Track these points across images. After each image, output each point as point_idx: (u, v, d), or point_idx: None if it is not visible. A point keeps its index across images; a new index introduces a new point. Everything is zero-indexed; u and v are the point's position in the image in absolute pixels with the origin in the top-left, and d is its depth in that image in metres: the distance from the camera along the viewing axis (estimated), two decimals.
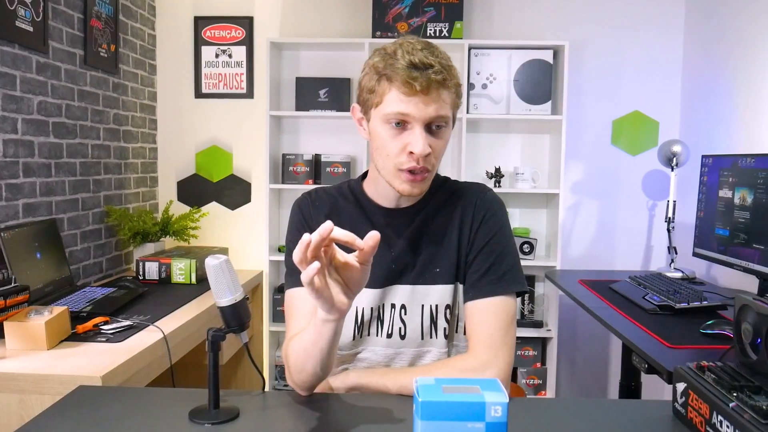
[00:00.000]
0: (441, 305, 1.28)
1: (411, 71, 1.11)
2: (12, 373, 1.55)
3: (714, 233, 2.37)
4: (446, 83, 1.14)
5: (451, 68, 1.16)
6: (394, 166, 1.17)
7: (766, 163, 2.09)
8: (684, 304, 2.06)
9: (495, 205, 1.29)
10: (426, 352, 1.29)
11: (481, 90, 3.12)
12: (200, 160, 3.39)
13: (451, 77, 1.15)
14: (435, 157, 1.17)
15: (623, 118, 3.27)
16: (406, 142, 1.15)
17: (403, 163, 1.16)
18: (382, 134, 1.17)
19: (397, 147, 1.16)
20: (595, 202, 3.32)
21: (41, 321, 1.69)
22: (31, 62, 2.27)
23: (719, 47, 2.83)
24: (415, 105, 1.12)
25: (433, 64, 1.12)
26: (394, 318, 1.28)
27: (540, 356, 3.20)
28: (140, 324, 1.95)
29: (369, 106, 1.19)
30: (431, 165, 1.17)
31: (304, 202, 1.33)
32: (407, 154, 1.15)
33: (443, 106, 1.15)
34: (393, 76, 1.13)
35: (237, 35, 3.31)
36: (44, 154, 2.36)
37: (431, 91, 1.12)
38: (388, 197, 1.28)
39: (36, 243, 2.21)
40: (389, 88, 1.14)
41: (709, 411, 1.01)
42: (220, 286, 1.06)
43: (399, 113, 1.13)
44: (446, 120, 1.17)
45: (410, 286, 1.28)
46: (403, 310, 1.28)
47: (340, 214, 1.30)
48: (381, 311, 1.28)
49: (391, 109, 1.14)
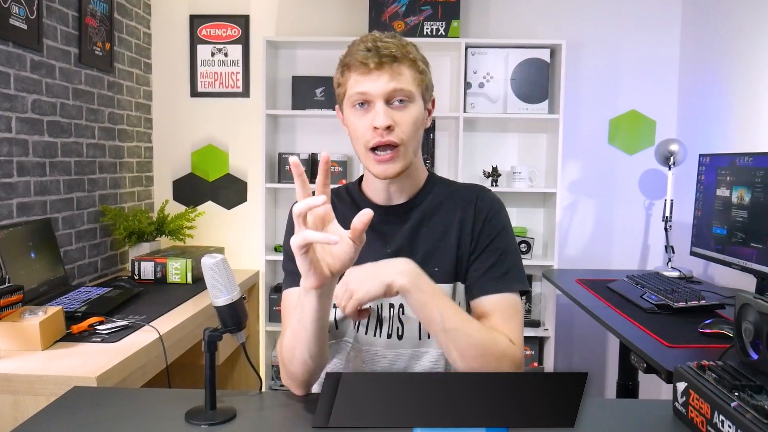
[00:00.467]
0: None
1: (365, 52, 1.17)
2: (6, 374, 1.53)
3: (711, 232, 2.37)
4: (399, 58, 1.17)
5: (406, 46, 1.20)
6: (364, 147, 1.20)
7: (764, 161, 2.08)
8: (682, 303, 2.05)
9: (497, 205, 1.30)
10: (423, 353, 1.28)
11: (478, 89, 3.12)
12: (196, 160, 3.37)
13: (405, 53, 1.19)
14: (403, 132, 1.18)
15: (620, 117, 3.27)
16: (371, 119, 1.18)
17: (370, 140, 1.18)
18: (352, 119, 1.21)
19: (363, 126, 1.19)
20: (592, 201, 3.32)
21: (35, 321, 1.67)
22: (26, 60, 2.26)
23: (716, 46, 2.83)
24: (371, 82, 1.17)
25: (387, 44, 1.17)
26: (392, 318, 1.27)
27: (537, 356, 3.20)
28: (136, 324, 1.93)
29: (340, 99, 1.25)
30: (399, 139, 1.18)
31: None
32: (372, 131, 1.18)
33: (401, 80, 1.18)
34: (351, 63, 1.19)
35: (233, 34, 3.29)
36: (38, 153, 2.35)
37: (385, 66, 1.16)
38: (381, 193, 1.29)
39: (30, 242, 2.19)
40: (349, 75, 1.20)
41: (710, 411, 1.00)
42: (217, 285, 1.05)
43: (358, 93, 1.18)
44: (408, 94, 1.19)
45: None
46: (401, 309, 1.27)
47: (336, 214, 1.29)
48: (380, 310, 1.27)
49: (352, 91, 1.19)
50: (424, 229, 1.28)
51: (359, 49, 1.18)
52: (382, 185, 1.27)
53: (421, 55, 1.24)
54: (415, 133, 1.21)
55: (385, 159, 1.19)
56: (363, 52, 1.17)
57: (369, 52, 1.16)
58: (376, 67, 1.16)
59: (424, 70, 1.24)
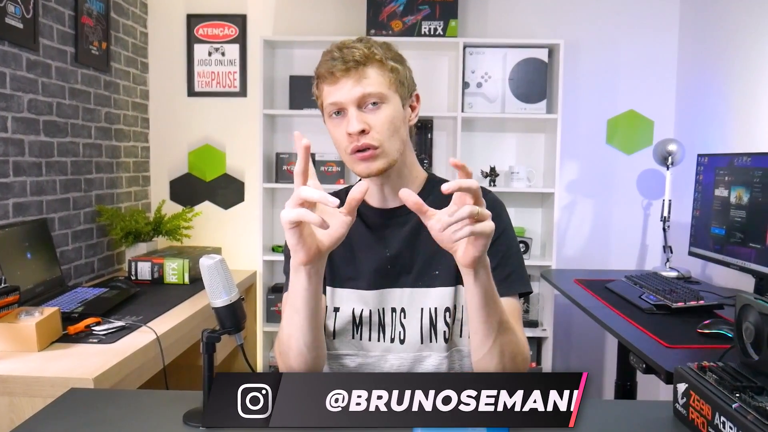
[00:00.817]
0: (440, 308, 1.26)
1: (331, 62, 1.16)
2: (2, 375, 1.53)
3: (710, 232, 2.37)
4: (363, 61, 1.16)
5: (371, 47, 1.19)
6: (346, 153, 1.20)
7: (763, 161, 2.08)
8: (681, 303, 2.05)
9: (498, 207, 1.28)
10: (426, 357, 1.27)
11: (476, 89, 3.11)
12: (193, 159, 3.36)
13: (370, 55, 1.17)
14: (378, 133, 1.17)
15: (618, 117, 3.27)
16: (345, 126, 1.17)
17: (347, 146, 1.18)
18: (331, 129, 1.21)
19: (341, 134, 1.19)
20: (590, 201, 3.31)
21: (32, 322, 1.67)
22: (21, 60, 2.24)
23: (714, 46, 2.83)
24: (339, 90, 1.16)
25: (351, 50, 1.17)
26: (393, 322, 1.27)
27: (535, 356, 3.19)
28: (133, 325, 1.92)
29: (321, 111, 1.24)
30: (375, 140, 1.17)
31: None
32: (348, 137, 1.17)
33: (367, 83, 1.16)
34: (321, 74, 1.19)
35: (230, 33, 3.28)
36: (35, 152, 2.33)
37: (351, 72, 1.16)
38: (376, 196, 1.28)
39: (26, 243, 2.18)
40: (322, 86, 1.20)
41: (711, 412, 1.00)
42: (215, 286, 1.04)
43: (331, 104, 1.18)
44: (378, 96, 1.17)
45: (408, 289, 1.26)
46: (402, 313, 1.26)
47: (337, 215, 1.29)
48: (381, 316, 1.26)
49: (326, 102, 1.19)
50: (425, 232, 1.27)
51: (327, 59, 1.18)
52: (375, 187, 1.26)
53: (392, 54, 1.22)
54: (394, 132, 1.20)
55: (366, 157, 1.18)
56: (329, 61, 1.17)
57: (335, 61, 1.16)
58: (342, 74, 1.16)
59: (395, 68, 1.22)
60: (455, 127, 3.08)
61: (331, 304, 1.27)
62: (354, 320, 1.26)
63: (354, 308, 1.26)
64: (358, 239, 1.26)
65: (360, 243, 1.27)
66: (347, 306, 1.27)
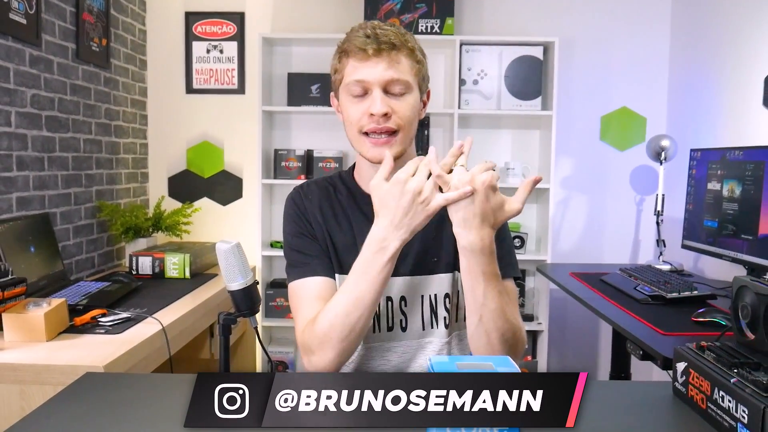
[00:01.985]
0: (440, 294, 1.29)
1: (364, 39, 1.16)
2: (12, 364, 1.55)
3: (703, 225, 2.42)
4: (398, 46, 1.17)
5: (405, 35, 1.20)
6: (357, 130, 1.21)
7: (755, 155, 2.13)
8: (675, 293, 2.10)
9: None
10: (427, 344, 1.30)
11: (472, 86, 3.15)
12: (191, 156, 3.38)
13: (404, 41, 1.19)
14: (401, 119, 1.19)
15: (612, 114, 3.32)
16: (367, 106, 1.18)
17: (364, 125, 1.19)
18: (347, 105, 1.22)
19: (359, 111, 1.19)
20: (584, 196, 3.36)
21: (40, 312, 1.69)
22: (25, 55, 2.26)
23: (705, 43, 2.89)
24: (370, 69, 1.17)
25: (385, 32, 1.17)
26: (393, 311, 1.29)
27: (531, 349, 3.24)
28: (138, 316, 1.95)
29: (337, 86, 1.24)
30: (396, 125, 1.19)
31: (297, 196, 1.34)
32: (368, 117, 1.18)
33: (399, 68, 1.18)
34: (350, 49, 1.19)
35: (228, 31, 3.31)
36: (37, 147, 2.35)
37: (383, 54, 1.16)
38: None
39: (30, 237, 2.19)
40: (347, 61, 1.20)
41: (710, 388, 1.04)
42: (232, 269, 1.07)
43: (356, 80, 1.18)
44: (406, 84, 1.19)
45: (408, 278, 1.28)
46: (403, 302, 1.28)
47: (333, 204, 1.32)
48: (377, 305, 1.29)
49: (350, 78, 1.19)
50: None
51: (358, 35, 1.18)
52: (375, 173, 1.29)
53: (419, 45, 1.24)
54: (412, 121, 1.23)
55: (380, 142, 1.20)
56: (362, 38, 1.17)
57: (368, 38, 1.16)
58: (374, 53, 1.16)
59: (422, 60, 1.24)
60: (452, 124, 3.12)
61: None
62: None
63: None
64: (358, 229, 1.28)
65: (360, 232, 1.27)
66: None
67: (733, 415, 0.96)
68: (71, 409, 1.07)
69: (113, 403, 1.11)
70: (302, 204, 1.32)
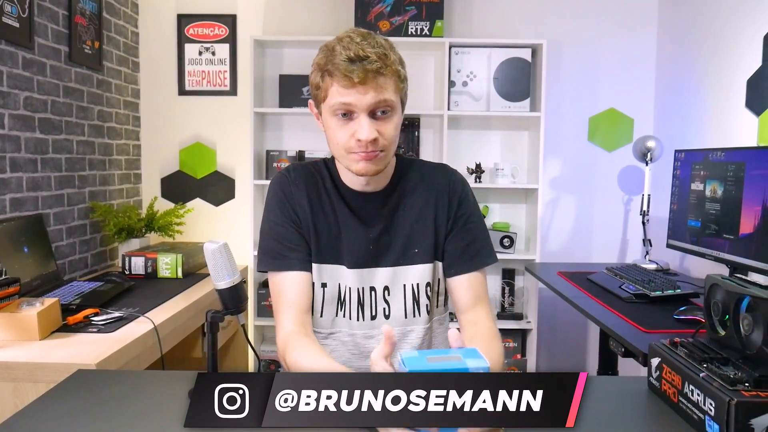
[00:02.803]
0: (422, 283, 1.36)
1: (348, 65, 1.17)
2: (6, 362, 1.57)
3: (687, 225, 2.46)
4: (382, 71, 1.19)
5: (387, 56, 1.21)
6: (345, 151, 1.24)
7: (735, 156, 2.17)
8: (658, 292, 2.14)
9: (466, 187, 1.39)
10: (410, 332, 1.36)
11: (461, 87, 3.19)
12: (184, 157, 3.41)
13: (387, 65, 1.20)
14: (386, 139, 1.23)
15: (599, 115, 3.36)
16: (353, 129, 1.21)
17: (353, 148, 1.22)
18: (332, 125, 1.24)
19: (345, 135, 1.22)
20: (572, 197, 3.41)
21: (33, 312, 1.71)
22: (18, 58, 2.29)
23: (691, 46, 2.93)
24: (355, 95, 1.19)
25: (369, 55, 1.18)
26: (376, 300, 1.34)
27: (520, 348, 3.28)
28: (131, 315, 1.98)
29: (318, 101, 1.26)
30: (383, 146, 1.23)
31: (284, 181, 1.37)
32: (356, 141, 1.21)
33: (383, 92, 1.20)
34: (333, 71, 1.19)
35: (220, 33, 3.33)
36: (30, 149, 2.38)
37: (368, 81, 1.18)
38: (358, 182, 1.34)
39: (23, 237, 2.22)
40: (331, 82, 1.21)
41: (681, 382, 1.08)
42: (219, 269, 1.10)
43: (342, 104, 1.20)
44: (390, 104, 1.22)
45: (391, 269, 1.34)
46: (386, 291, 1.34)
47: (320, 193, 1.36)
48: (361, 295, 1.34)
49: (335, 101, 1.20)
50: (401, 212, 1.36)
51: (341, 58, 1.17)
52: (356, 179, 1.32)
53: (399, 58, 1.26)
54: (396, 138, 1.27)
55: (369, 158, 1.23)
56: (345, 63, 1.17)
57: (353, 64, 1.17)
58: (360, 81, 1.17)
59: (405, 78, 1.27)
60: (441, 125, 3.15)
61: (318, 280, 1.33)
62: (339, 297, 1.34)
63: (340, 284, 1.33)
64: (343, 220, 1.34)
65: (345, 224, 1.34)
66: (333, 281, 1.33)
67: (702, 408, 1.00)
68: (63, 405, 1.11)
69: (105, 399, 1.15)
70: (289, 190, 1.35)
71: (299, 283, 1.30)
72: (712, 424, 0.97)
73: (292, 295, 1.29)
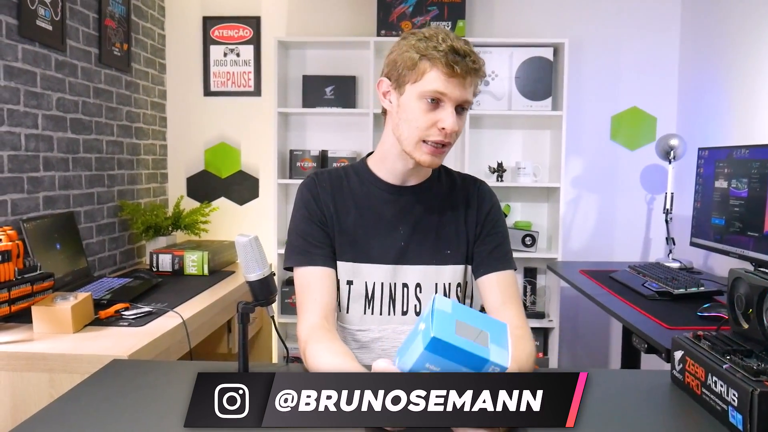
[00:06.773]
0: (453, 284, 1.39)
1: (453, 56, 1.21)
2: (42, 353, 1.63)
3: (710, 223, 2.45)
4: (479, 72, 1.25)
5: (480, 59, 1.27)
6: (419, 137, 1.27)
7: (760, 153, 2.16)
8: (682, 289, 2.14)
9: (494, 197, 1.45)
10: None
11: (483, 87, 3.20)
12: (209, 157, 3.47)
13: (481, 68, 1.26)
14: (456, 135, 1.28)
15: (622, 114, 3.35)
16: (438, 118, 1.25)
17: (431, 135, 1.26)
18: (415, 108, 1.26)
19: (428, 121, 1.25)
20: (594, 195, 3.40)
21: (68, 305, 1.77)
22: (50, 60, 2.35)
23: (714, 44, 2.92)
24: (453, 86, 1.23)
25: (470, 53, 1.24)
26: (408, 296, 1.37)
27: (542, 346, 3.28)
28: (160, 310, 2.02)
29: (404, 81, 1.27)
30: (453, 140, 1.28)
31: (311, 183, 1.41)
32: (438, 129, 1.25)
33: (472, 92, 1.27)
34: (435, 58, 1.22)
35: (245, 35, 3.39)
36: (62, 148, 2.44)
37: (467, 77, 1.23)
38: (396, 174, 1.37)
39: (56, 234, 2.28)
40: (430, 67, 1.23)
41: (704, 374, 1.09)
42: (250, 261, 1.13)
43: (437, 91, 1.23)
44: (470, 105, 1.29)
45: (423, 267, 1.37)
46: (418, 288, 1.37)
47: (344, 192, 1.40)
48: (393, 290, 1.36)
49: (431, 86, 1.23)
50: (434, 214, 1.39)
51: (444, 46, 1.21)
52: (402, 168, 1.36)
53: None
54: None
55: (437, 152, 1.28)
56: (451, 53, 1.21)
57: (457, 56, 1.21)
58: (461, 74, 1.22)
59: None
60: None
61: (344, 278, 1.37)
62: (367, 294, 1.36)
63: (367, 281, 1.36)
64: (377, 217, 1.37)
65: (374, 222, 1.37)
66: (360, 280, 1.36)
67: (725, 399, 1.01)
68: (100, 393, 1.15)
69: (139, 386, 1.19)
70: (316, 191, 1.39)
71: (323, 278, 1.33)
72: (736, 414, 0.98)
73: (316, 290, 1.32)
